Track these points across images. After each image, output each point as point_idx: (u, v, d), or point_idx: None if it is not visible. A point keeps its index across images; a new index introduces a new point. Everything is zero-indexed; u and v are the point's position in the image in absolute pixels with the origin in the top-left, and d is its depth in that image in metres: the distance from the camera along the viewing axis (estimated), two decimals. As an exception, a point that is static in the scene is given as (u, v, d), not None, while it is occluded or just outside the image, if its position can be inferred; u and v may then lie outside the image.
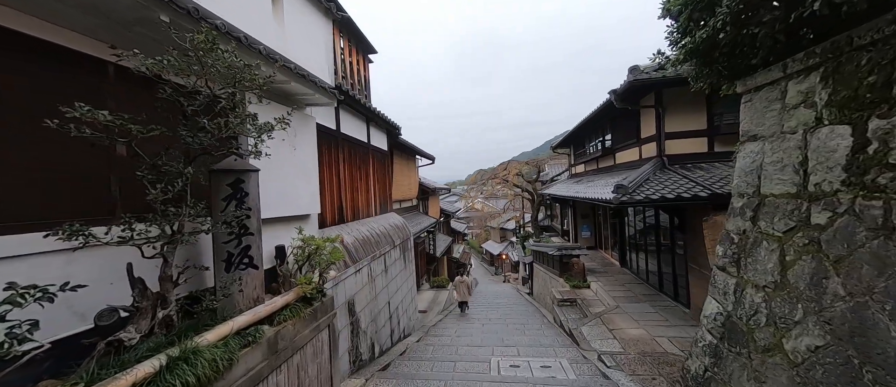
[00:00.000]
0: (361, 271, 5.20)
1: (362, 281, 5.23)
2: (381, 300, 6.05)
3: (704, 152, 7.26)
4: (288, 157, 3.43)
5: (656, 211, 7.95)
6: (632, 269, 9.82)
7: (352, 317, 4.73)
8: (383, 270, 6.31)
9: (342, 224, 5.53)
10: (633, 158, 8.93)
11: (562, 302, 8.62)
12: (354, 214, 6.19)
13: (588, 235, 13.71)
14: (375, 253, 5.92)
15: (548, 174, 22.94)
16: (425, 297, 12.47)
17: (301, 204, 3.65)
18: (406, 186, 12.16)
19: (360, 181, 6.50)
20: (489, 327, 8.30)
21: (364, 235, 5.89)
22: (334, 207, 5.33)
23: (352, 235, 5.44)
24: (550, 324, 8.52)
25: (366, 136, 7.03)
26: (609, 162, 11.11)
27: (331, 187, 5.23)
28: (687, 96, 7.24)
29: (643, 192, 5.99)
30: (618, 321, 6.48)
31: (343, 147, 5.78)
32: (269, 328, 2.55)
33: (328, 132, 5.22)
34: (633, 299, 7.63)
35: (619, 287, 8.61)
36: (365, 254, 5.52)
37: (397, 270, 7.28)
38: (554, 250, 10.69)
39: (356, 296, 4.96)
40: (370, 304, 5.51)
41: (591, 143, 12.48)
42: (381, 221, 7.21)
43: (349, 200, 5.94)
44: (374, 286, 5.74)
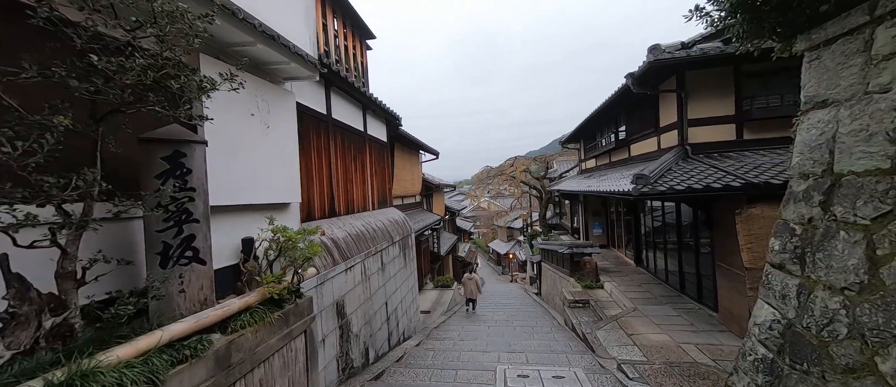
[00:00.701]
0: (353, 269, 4.71)
1: (354, 280, 4.74)
2: (376, 301, 5.56)
3: (732, 141, 6.61)
4: (259, 136, 2.94)
5: (677, 205, 7.32)
6: (648, 268, 9.18)
7: (341, 320, 4.24)
8: (380, 268, 5.82)
9: (333, 218, 5.05)
10: (651, 148, 8.29)
11: (573, 304, 8.04)
12: (349, 207, 5.70)
13: (600, 233, 13.06)
14: (370, 250, 5.43)
15: (556, 171, 22.28)
16: (429, 297, 11.97)
17: (276, 191, 3.16)
18: (408, 182, 11.67)
19: (355, 172, 6.02)
20: (495, 330, 7.76)
21: (358, 230, 5.40)
22: (324, 199, 4.84)
23: (344, 230, 4.96)
24: (561, 327, 7.94)
25: (362, 124, 6.54)
26: (623, 155, 10.47)
27: (320, 176, 4.75)
28: (713, 78, 6.61)
29: (666, 182, 5.38)
30: (637, 325, 5.89)
31: (335, 134, 5.30)
32: (219, 338, 2.06)
33: (317, 116, 4.74)
34: (652, 301, 7.01)
35: (636, 288, 7.99)
36: (358, 250, 5.03)
37: (396, 269, 6.79)
38: (564, 248, 10.10)
39: (347, 296, 4.47)
40: (364, 305, 5.02)
41: (604, 135, 11.83)
42: (379, 216, 6.72)
43: (342, 191, 5.46)
44: (369, 285, 5.25)
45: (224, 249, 2.62)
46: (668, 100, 7.20)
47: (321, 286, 3.80)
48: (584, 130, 13.41)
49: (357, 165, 6.16)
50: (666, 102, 7.36)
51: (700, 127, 6.75)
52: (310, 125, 4.54)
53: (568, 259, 10.07)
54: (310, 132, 4.54)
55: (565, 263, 10.47)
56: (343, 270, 4.39)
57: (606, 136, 11.37)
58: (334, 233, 4.64)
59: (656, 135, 7.97)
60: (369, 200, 6.65)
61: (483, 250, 46.48)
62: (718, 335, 5.32)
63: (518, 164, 20.57)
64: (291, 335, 2.66)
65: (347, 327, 4.42)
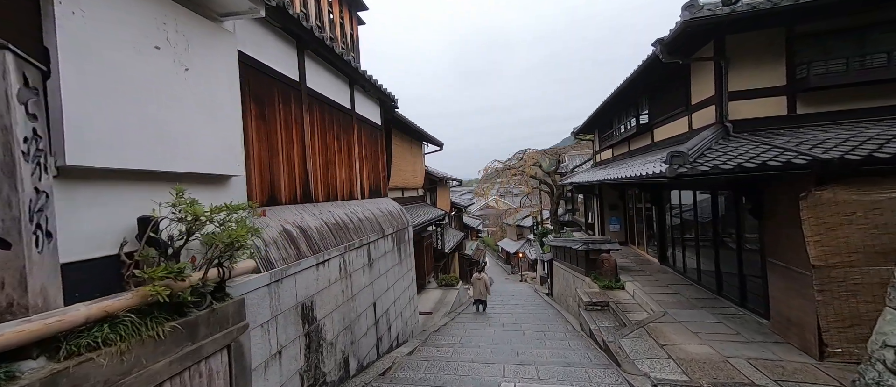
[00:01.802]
0: (328, 264, 3.92)
1: (330, 277, 3.95)
2: (361, 301, 4.76)
3: (783, 115, 5.60)
4: (172, 80, 2.16)
5: (713, 193, 6.32)
6: (675, 267, 8.18)
7: (308, 325, 3.45)
8: (366, 264, 5.03)
9: (307, 203, 4.27)
10: (680, 130, 7.29)
11: (591, 306, 7.11)
12: (329, 193, 4.92)
13: (617, 229, 12.05)
14: (353, 242, 4.63)
15: (567, 165, 21.22)
16: (431, 297, 11.17)
17: (202, 158, 2.38)
18: (409, 173, 10.88)
19: (338, 154, 5.24)
20: (501, 335, 6.90)
21: (339, 219, 4.61)
22: (295, 180, 4.07)
23: (319, 219, 4.17)
24: (576, 333, 7.03)
25: (348, 100, 5.75)
26: (645, 141, 9.45)
27: (288, 153, 3.97)
28: (760, 42, 5.60)
29: (709, 161, 4.43)
30: (669, 334, 4.96)
31: (311, 106, 4.52)
32: (39, 367, 1.27)
33: (284, 81, 3.97)
34: (684, 305, 6.05)
35: (662, 289, 7.02)
36: (337, 242, 4.25)
37: (388, 265, 5.99)
38: (579, 245, 9.16)
39: (318, 296, 3.68)
40: (343, 306, 4.23)
41: (622, 122, 10.81)
42: (368, 206, 5.93)
43: (320, 174, 4.68)
44: (350, 284, 4.46)
45: (106, 233, 1.85)
46: (704, 71, 6.21)
47: (277, 284, 3.01)
48: (599, 117, 12.39)
49: (341, 145, 5.37)
50: (700, 74, 6.37)
51: (743, 101, 5.74)
52: (273, 89, 3.77)
53: (583, 257, 9.12)
54: (273, 97, 3.76)
55: (580, 261, 9.53)
56: (313, 266, 3.61)
57: (625, 121, 10.36)
58: (304, 221, 3.85)
59: (687, 114, 6.97)
60: (357, 187, 5.87)
61: (492, 249, 45.55)
62: (774, 348, 4.35)
63: (527, 157, 19.58)
64: (201, 354, 1.87)
65: (318, 335, 3.63)
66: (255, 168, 3.40)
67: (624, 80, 8.75)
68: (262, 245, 2.99)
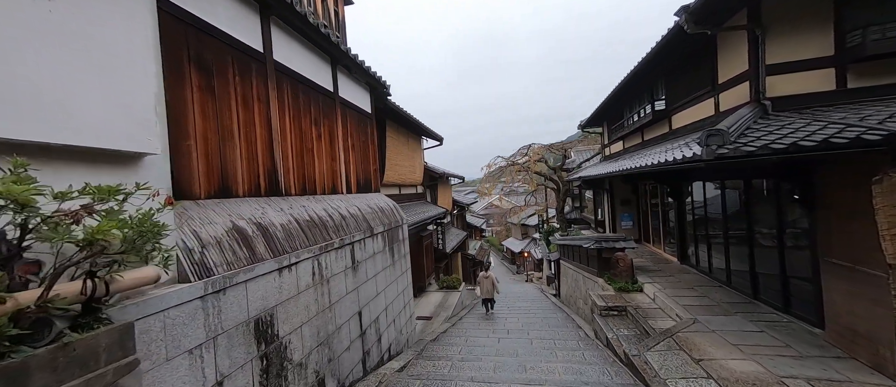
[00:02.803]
0: (296, 269, 3.26)
1: (298, 284, 3.28)
2: (342, 311, 4.10)
3: (831, 91, 4.84)
4: (26, 13, 1.49)
5: (746, 182, 5.57)
6: (698, 266, 7.41)
7: (266, 345, 2.79)
8: (349, 267, 4.36)
9: (274, 197, 3.61)
10: (705, 114, 6.54)
11: (606, 311, 6.38)
12: (305, 185, 4.26)
13: (629, 226, 11.28)
14: (332, 242, 3.96)
15: (574, 161, 20.42)
16: (431, 300, 10.49)
17: (86, 125, 1.71)
18: (406, 168, 10.22)
19: (316, 141, 4.57)
20: (507, 345, 6.20)
21: (314, 215, 3.95)
22: (256, 169, 3.41)
23: (287, 214, 3.51)
24: (591, 342, 6.30)
25: (331, 82, 5.09)
26: (661, 129, 8.69)
27: (247, 136, 3.31)
28: (802, 6, 4.85)
29: (753, 141, 3.69)
30: (705, 346, 4.23)
31: (281, 84, 3.86)
32: None
33: (243, 50, 3.31)
34: (716, 310, 5.30)
35: (687, 292, 6.27)
36: (310, 242, 3.58)
37: (378, 267, 5.32)
38: (590, 243, 8.42)
39: (281, 308, 3.02)
40: (318, 318, 3.56)
41: (635, 110, 10.05)
42: (354, 201, 5.26)
43: (293, 163, 4.02)
44: (327, 291, 3.79)
45: None
46: (735, 43, 5.45)
47: (218, 297, 2.35)
48: (609, 107, 11.63)
49: (321, 132, 4.71)
50: (730, 48, 5.61)
51: (783, 75, 4.99)
52: (226, 57, 3.11)
53: (595, 256, 8.39)
54: (226, 67, 3.10)
55: (591, 261, 8.80)
56: (273, 271, 2.94)
57: (638, 110, 9.59)
58: (267, 217, 3.19)
59: (712, 95, 6.22)
60: (341, 180, 5.20)
61: (496, 248, 44.78)
62: (837, 365, 3.61)
63: (532, 153, 18.82)
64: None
65: (281, 355, 2.96)
66: (199, 151, 2.75)
67: (638, 62, 8.01)
68: (195, 246, 2.32)
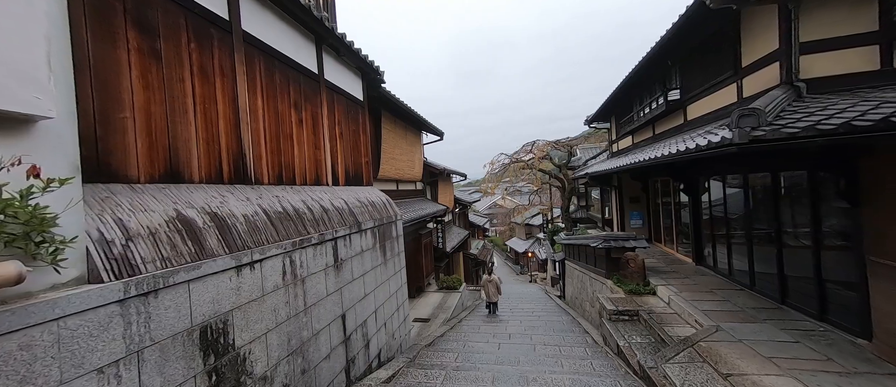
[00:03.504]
0: (259, 267, 2.81)
1: (262, 284, 2.83)
2: (321, 314, 3.65)
3: (874, 71, 4.29)
4: None
5: (774, 175, 5.03)
6: (715, 267, 6.87)
7: (216, 357, 2.34)
8: (331, 266, 3.91)
9: (241, 184, 3.17)
10: (726, 101, 6.00)
11: (616, 315, 5.87)
12: (283, 174, 3.82)
13: (639, 225, 10.72)
14: (308, 237, 3.52)
15: (580, 159, 19.86)
16: (430, 301, 10.03)
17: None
18: (404, 163, 9.77)
19: (297, 126, 4.13)
20: (508, 352, 5.72)
21: (290, 207, 3.50)
22: (218, 152, 2.97)
23: (253, 205, 3.06)
24: (600, 349, 5.80)
25: (315, 63, 4.65)
26: (675, 121, 8.16)
27: (208, 115, 2.87)
28: (844, -26, 4.32)
29: (794, 122, 3.18)
30: (732, 358, 3.71)
31: (251, 58, 3.42)
32: None
33: (200, 13, 2.87)
34: (741, 316, 4.78)
35: (705, 295, 5.75)
36: (281, 236, 3.14)
37: (367, 266, 4.87)
38: (598, 242, 7.90)
39: (239, 312, 2.57)
40: (289, 323, 3.11)
41: (645, 102, 9.50)
42: (342, 194, 4.81)
43: (266, 149, 3.57)
44: (302, 292, 3.34)
45: None
46: (763, 19, 4.92)
47: (143, 300, 1.91)
48: (618, 100, 11.09)
49: (302, 116, 4.26)
50: (757, 25, 5.08)
51: (819, 54, 4.46)
52: (178, 19, 2.68)
53: (603, 256, 7.87)
54: (178, 31, 2.66)
55: (599, 261, 8.28)
56: (228, 269, 2.49)
57: (649, 102, 9.05)
58: (226, 206, 2.75)
59: (735, 80, 5.69)
60: (326, 170, 4.75)
61: (500, 248, 44.24)
62: (892, 384, 3.08)
63: (537, 150, 18.27)
64: None
65: (238, 368, 2.51)
66: (138, 126, 2.31)
67: (650, 49, 7.48)
68: (118, 237, 1.88)
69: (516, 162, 18.62)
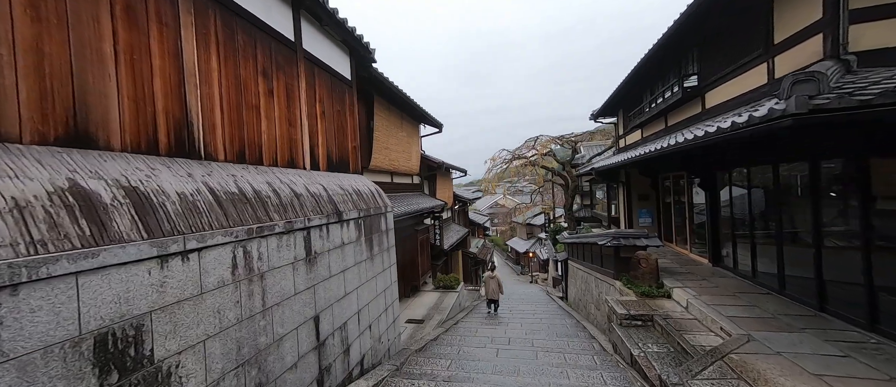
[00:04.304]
0: (197, 259, 2.25)
1: (201, 280, 2.27)
2: (286, 317, 3.09)
3: (939, 41, 3.69)
4: None
5: (813, 163, 4.42)
6: (736, 269, 6.28)
7: (120, 376, 1.79)
8: (301, 260, 3.34)
9: (182, 158, 2.61)
10: (753, 85, 5.41)
11: (628, 320, 5.29)
12: (244, 151, 3.26)
13: (648, 223, 10.13)
14: (271, 225, 2.95)
15: (584, 156, 19.25)
16: (425, 301, 9.47)
17: None
18: (400, 155, 9.19)
19: (264, 97, 3.56)
20: (506, 359, 5.15)
21: (248, 188, 2.94)
22: (152, 116, 2.41)
23: (196, 182, 2.50)
24: (609, 358, 5.22)
25: (290, 29, 4.08)
26: (691, 110, 7.56)
27: (135, 68, 2.32)
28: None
29: (863, 90, 2.59)
30: (772, 375, 3.13)
31: (202, 8, 2.85)
32: None
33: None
34: (774, 325, 4.19)
35: (729, 299, 5.16)
36: (233, 222, 2.57)
37: (348, 262, 4.30)
38: (606, 240, 7.31)
39: (162, 315, 2.02)
40: (239, 327, 2.55)
41: (657, 92, 8.90)
42: (321, 179, 4.25)
43: (222, 119, 3.01)
44: (260, 290, 2.78)
45: None
46: (803, -14, 4.32)
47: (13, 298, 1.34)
48: (626, 90, 10.49)
49: (273, 87, 3.70)
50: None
51: (872, 23, 3.85)
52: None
53: (611, 255, 7.28)
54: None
55: (607, 261, 7.70)
56: (146, 259, 1.94)
57: (663, 90, 8.44)
58: (154, 182, 2.18)
59: (765, 59, 5.09)
60: (302, 152, 4.19)
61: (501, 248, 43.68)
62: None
63: (541, 146, 17.67)
64: None
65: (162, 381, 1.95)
66: (20, 67, 1.75)
67: (664, 32, 6.89)
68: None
69: (519, 158, 18.02)
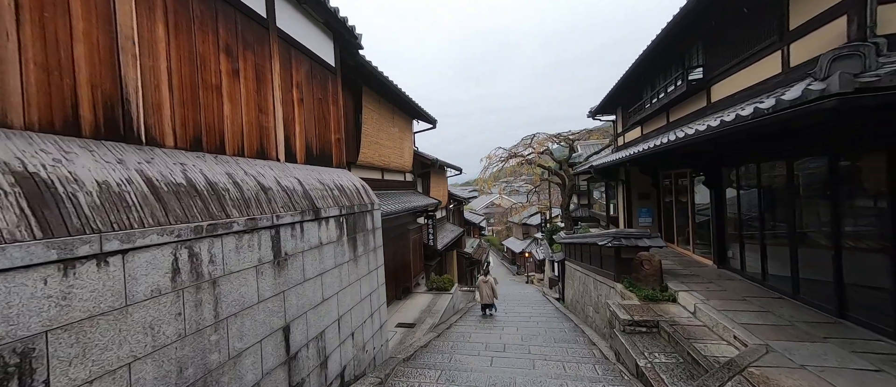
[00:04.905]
0: (120, 263, 1.84)
1: (125, 290, 1.86)
2: (244, 331, 2.67)
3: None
4: None
5: (834, 158, 4.08)
6: (743, 271, 5.95)
7: (0, 417, 1.35)
8: (268, 262, 2.92)
9: (119, 142, 2.18)
10: (765, 75, 5.06)
11: (631, 326, 4.93)
12: (201, 138, 2.83)
13: (649, 222, 9.81)
14: (228, 222, 2.53)
15: (580, 155, 18.96)
16: (417, 303, 9.07)
17: None
18: (391, 150, 8.77)
19: (228, 78, 3.14)
20: (501, 368, 4.76)
21: (199, 179, 2.52)
22: (72, 89, 1.98)
23: (131, 171, 2.08)
24: (612, 367, 4.85)
25: (262, 5, 3.65)
26: (695, 105, 7.23)
27: (46, 28, 1.89)
28: None
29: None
30: (801, 395, 2.76)
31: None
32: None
33: None
34: (792, 333, 3.83)
35: (739, 304, 4.81)
36: (174, 218, 2.15)
37: (327, 264, 3.89)
38: (606, 240, 6.95)
39: (64, 335, 1.61)
40: (177, 346, 2.14)
41: (658, 86, 8.57)
42: (296, 172, 3.83)
43: (170, 99, 2.59)
44: (211, 299, 2.36)
45: None
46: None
47: None
48: (626, 86, 10.15)
49: (239, 67, 3.27)
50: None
51: (902, 2, 3.51)
52: None
53: (612, 256, 6.93)
54: None
55: (606, 262, 7.34)
56: (41, 264, 1.52)
57: (667, 84, 8.11)
58: (67, 167, 1.76)
59: (779, 47, 4.74)
60: (275, 142, 3.76)
61: (497, 248, 43.38)
62: None
63: (537, 144, 17.33)
64: None
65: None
66: None
67: (668, 22, 6.55)
68: None
69: (515, 156, 17.67)
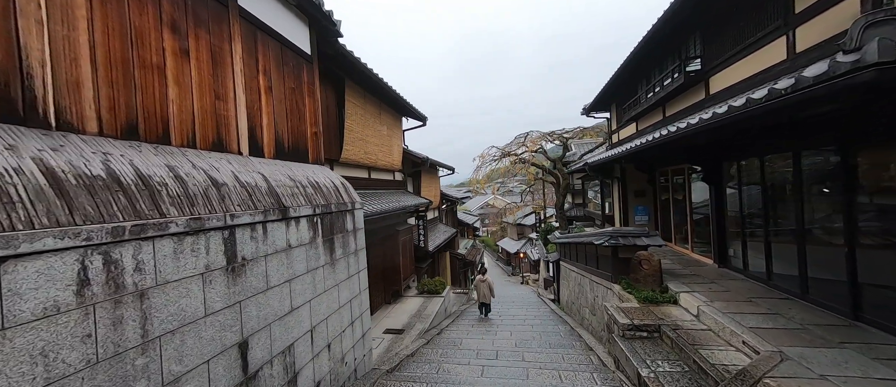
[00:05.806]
0: (-2, 273, 1.42)
1: (1, 311, 1.44)
2: (185, 351, 2.29)
3: None
4: None
5: (845, 150, 3.80)
6: (746, 270, 5.67)
7: None
8: (218, 269, 2.53)
9: (14, 125, 1.77)
10: (768, 63, 4.78)
11: (631, 331, 4.61)
12: (138, 124, 2.43)
13: (645, 221, 9.54)
14: (164, 223, 2.14)
15: (574, 154, 18.74)
16: (407, 307, 8.67)
17: None
18: (378, 148, 8.38)
19: (174, 57, 2.74)
20: (493, 378, 4.41)
21: (124, 171, 2.12)
22: None
23: (23, 158, 1.67)
24: (611, 375, 4.51)
25: (220, -21, 3.25)
26: (693, 97, 6.96)
27: None
28: None
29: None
30: (827, 411, 2.43)
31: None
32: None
33: None
34: (806, 338, 3.53)
35: (745, 305, 4.51)
36: (81, 219, 1.75)
37: (297, 269, 3.49)
38: (603, 239, 6.64)
39: None
40: (81, 378, 1.73)
41: (654, 80, 8.30)
42: (261, 168, 3.43)
43: (93, 76, 2.19)
44: (136, 316, 1.98)
45: None
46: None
47: None
48: (620, 82, 9.89)
49: (190, 47, 2.87)
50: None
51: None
52: None
53: (608, 256, 6.62)
54: None
55: (603, 262, 7.04)
56: None
57: (663, 77, 7.84)
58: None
59: (785, 31, 4.46)
60: (237, 134, 3.36)
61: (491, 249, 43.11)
62: None
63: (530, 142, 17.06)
64: None
65: None
66: None
67: (663, 11, 6.27)
68: None
69: (508, 155, 17.37)
